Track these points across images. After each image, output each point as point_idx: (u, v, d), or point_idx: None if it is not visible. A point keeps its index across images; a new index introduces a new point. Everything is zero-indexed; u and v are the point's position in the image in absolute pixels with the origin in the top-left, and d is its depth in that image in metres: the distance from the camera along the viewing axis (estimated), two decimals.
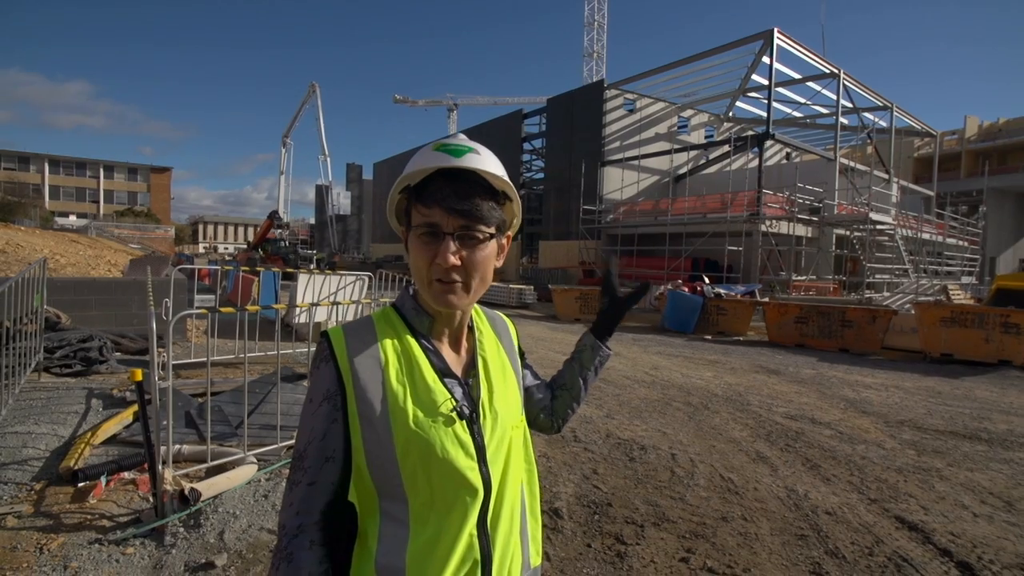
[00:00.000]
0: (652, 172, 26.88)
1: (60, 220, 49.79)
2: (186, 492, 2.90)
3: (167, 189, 68.70)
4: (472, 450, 0.82)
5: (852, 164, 23.40)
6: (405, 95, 57.88)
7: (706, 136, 30.30)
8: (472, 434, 0.83)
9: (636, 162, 25.65)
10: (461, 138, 0.85)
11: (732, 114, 29.91)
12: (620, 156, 26.01)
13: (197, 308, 4.39)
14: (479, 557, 0.81)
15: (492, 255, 0.84)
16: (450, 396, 0.83)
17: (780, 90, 24.03)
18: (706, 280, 15.77)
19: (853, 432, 5.08)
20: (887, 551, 2.90)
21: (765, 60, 21.35)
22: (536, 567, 0.95)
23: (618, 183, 25.71)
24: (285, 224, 36.48)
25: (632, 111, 27.09)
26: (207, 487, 3.04)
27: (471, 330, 0.94)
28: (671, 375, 7.56)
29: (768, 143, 21.89)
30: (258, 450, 3.66)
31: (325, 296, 7.83)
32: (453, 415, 0.82)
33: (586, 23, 41.56)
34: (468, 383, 0.88)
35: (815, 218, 19.64)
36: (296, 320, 8.02)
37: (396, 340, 0.85)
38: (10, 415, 4.14)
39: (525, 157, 35.02)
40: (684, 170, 26.22)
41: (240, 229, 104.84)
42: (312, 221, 63.51)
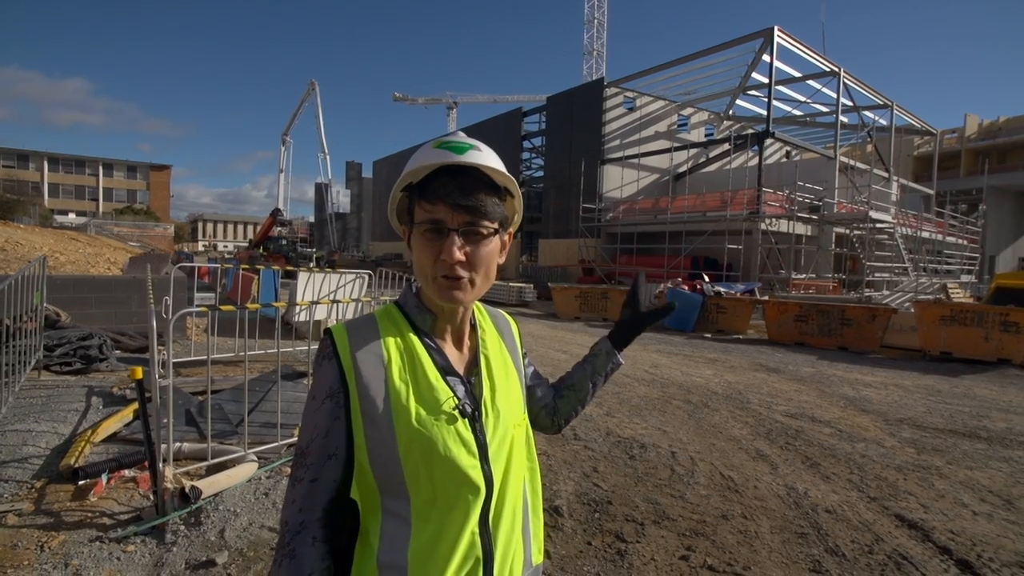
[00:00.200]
0: (652, 170, 26.87)
1: (59, 218, 49.78)
2: (187, 490, 2.90)
3: (166, 187, 68.61)
4: (474, 448, 0.82)
5: (852, 162, 23.40)
6: (405, 93, 57.97)
7: (706, 134, 30.27)
8: (474, 432, 0.83)
9: (636, 160, 25.64)
10: (461, 136, 0.85)
11: (732, 112, 29.90)
12: (620, 154, 26.00)
13: (197, 306, 4.39)
14: (481, 555, 0.81)
15: (496, 251, 0.85)
16: (452, 394, 0.83)
17: (780, 88, 24.02)
18: (706, 278, 15.77)
19: (853, 430, 5.09)
20: (887, 549, 2.90)
21: (765, 58, 21.34)
22: (538, 565, 0.95)
23: (618, 181, 25.69)
24: (288, 221, 36.42)
25: (632, 109, 27.06)
26: (208, 485, 3.04)
27: (473, 328, 0.94)
28: (671, 373, 7.56)
29: (768, 141, 21.90)
30: (258, 448, 3.66)
31: (325, 294, 7.83)
32: (455, 413, 0.82)
33: (586, 21, 41.51)
34: (470, 381, 0.88)
35: (815, 216, 19.65)
36: (296, 318, 8.03)
37: (399, 338, 0.85)
38: (10, 413, 4.14)
39: (525, 155, 35.03)
40: (684, 168, 26.21)
41: (240, 227, 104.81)
42: (312, 219, 63.47)
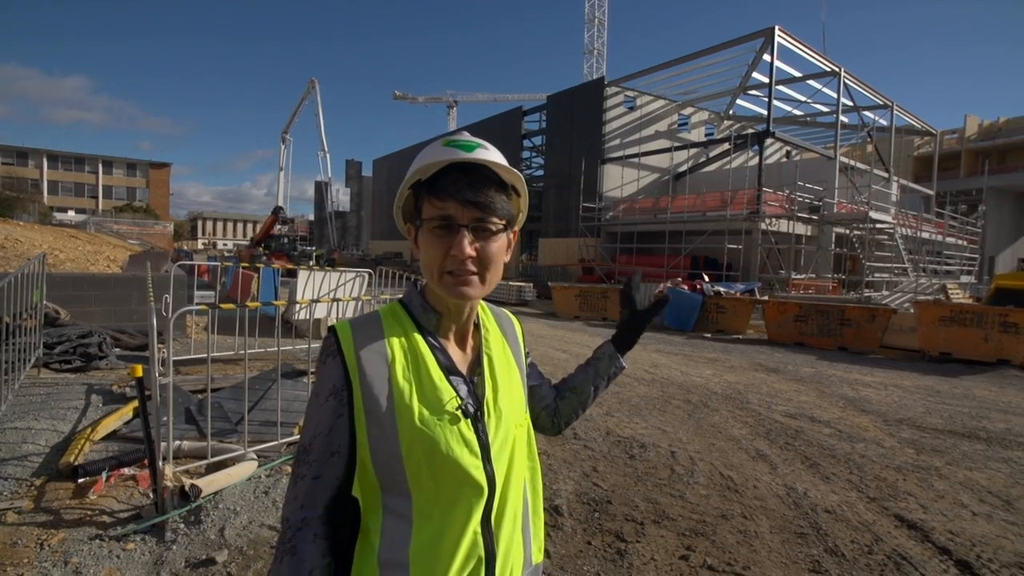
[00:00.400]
0: (652, 170, 26.85)
1: (58, 215, 49.69)
2: (186, 488, 2.90)
3: (166, 185, 68.49)
4: (477, 448, 0.82)
5: (852, 163, 23.42)
6: (405, 91, 57.87)
7: (706, 134, 30.25)
8: (477, 432, 0.83)
9: (636, 160, 25.61)
10: (466, 135, 0.85)
11: (732, 112, 29.88)
12: (620, 153, 25.98)
13: (197, 304, 4.39)
14: (483, 554, 0.81)
15: (504, 248, 0.85)
16: (455, 394, 0.83)
17: (781, 88, 24.01)
18: (705, 278, 15.77)
19: (852, 430, 5.09)
20: (886, 549, 2.91)
21: (766, 58, 21.32)
22: (538, 564, 0.95)
23: (618, 180, 25.67)
24: (290, 219, 36.35)
25: (632, 108, 27.04)
26: (207, 483, 3.04)
27: (477, 327, 0.94)
28: (670, 373, 7.57)
29: (768, 141, 21.88)
30: (258, 446, 3.66)
31: (325, 293, 7.83)
32: (458, 413, 0.82)
33: (586, 20, 41.46)
34: (473, 381, 0.88)
35: (815, 216, 19.65)
36: (296, 317, 8.03)
37: (403, 337, 0.85)
38: (10, 411, 4.13)
39: (525, 154, 35.01)
40: (684, 168, 26.20)
41: (239, 225, 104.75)
42: (311, 217, 63.38)
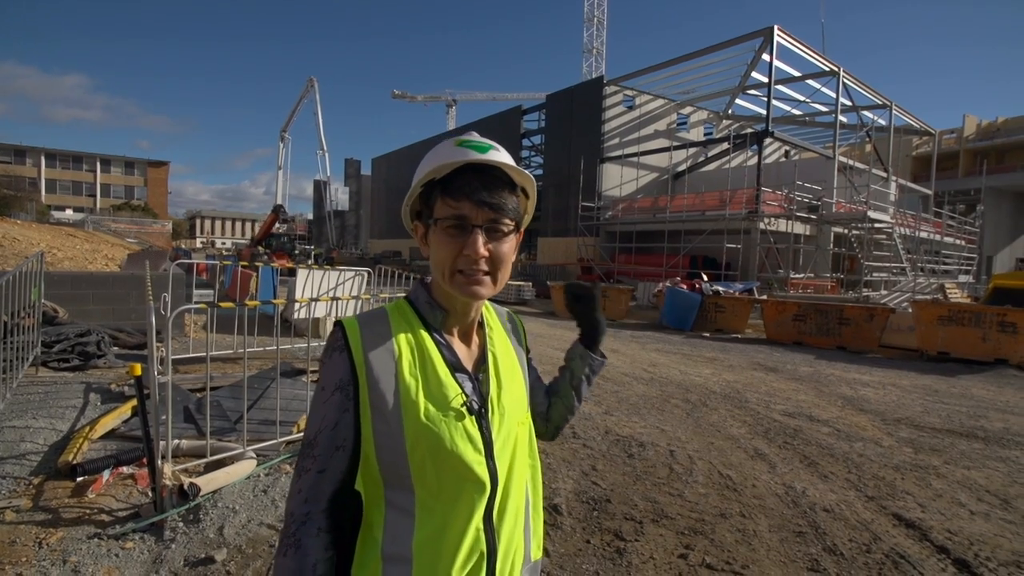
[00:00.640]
0: (651, 169, 26.85)
1: (56, 214, 49.59)
2: (185, 487, 2.89)
3: (164, 183, 68.31)
4: (480, 445, 0.83)
5: (851, 162, 23.42)
6: (404, 90, 57.76)
7: (705, 133, 30.27)
8: (481, 429, 0.84)
9: (635, 159, 25.60)
10: (476, 135, 0.86)
11: (731, 111, 29.88)
12: (619, 153, 25.98)
13: (196, 303, 4.38)
14: (485, 550, 0.82)
15: (514, 248, 0.86)
16: (461, 391, 0.84)
17: (780, 88, 24.01)
18: (704, 277, 15.78)
19: (851, 429, 5.10)
20: (884, 548, 2.91)
21: (765, 57, 21.32)
22: (537, 561, 0.96)
23: (617, 180, 25.67)
24: (291, 218, 36.25)
25: (631, 108, 27.02)
26: (206, 482, 3.03)
27: (481, 326, 0.95)
28: (669, 372, 7.57)
29: (767, 141, 21.93)
30: (257, 445, 3.65)
31: (324, 292, 7.82)
32: (463, 410, 0.83)
33: (586, 19, 41.42)
34: (478, 378, 0.89)
35: (813, 216, 19.67)
36: (295, 315, 8.01)
37: (410, 333, 0.86)
38: (8, 409, 4.12)
39: (524, 153, 35.00)
40: (683, 167, 26.21)
41: (238, 224, 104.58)
42: (310, 216, 63.28)
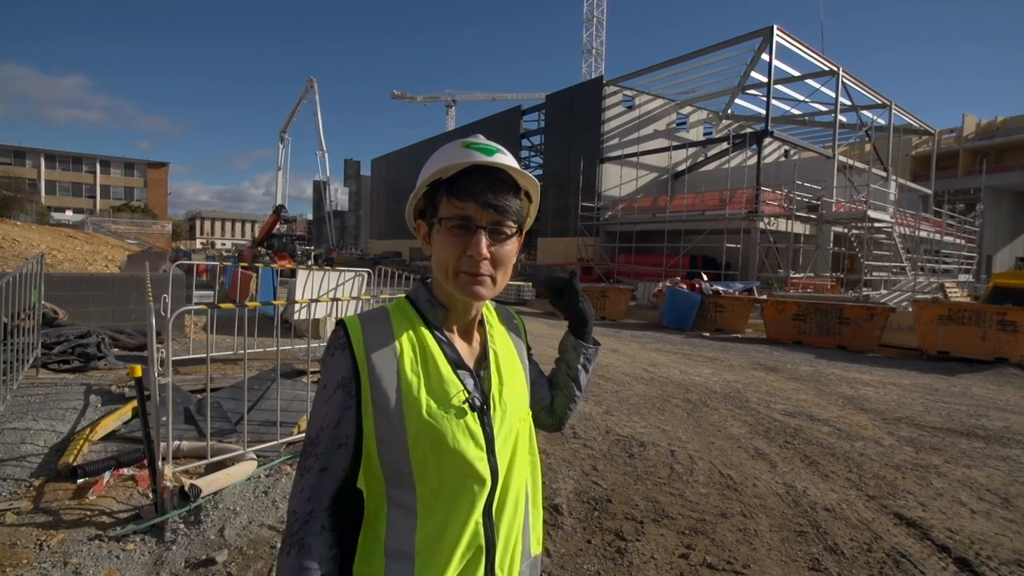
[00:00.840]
0: (651, 169, 26.86)
1: (56, 215, 49.57)
2: (186, 488, 2.89)
3: (164, 184, 68.32)
4: (482, 441, 0.83)
5: (850, 162, 23.44)
6: (403, 91, 57.82)
7: (705, 133, 30.28)
8: (482, 425, 0.84)
9: (635, 159, 25.62)
10: (482, 138, 0.86)
11: (731, 111, 29.90)
12: (619, 153, 25.99)
13: (196, 304, 4.38)
14: (483, 544, 0.83)
15: (515, 250, 0.87)
16: (463, 387, 0.85)
17: (779, 87, 24.03)
18: (704, 277, 15.78)
19: (851, 429, 5.10)
20: (885, 547, 2.91)
21: (764, 57, 21.34)
22: (536, 556, 0.97)
23: (617, 180, 25.68)
24: (292, 219, 36.11)
25: (631, 108, 27.04)
26: (207, 483, 3.03)
27: (481, 323, 0.96)
28: (669, 372, 7.57)
29: (767, 140, 21.93)
30: (258, 446, 3.65)
31: (324, 292, 7.82)
32: (465, 406, 0.83)
33: (585, 19, 41.38)
34: (480, 375, 0.90)
35: (813, 215, 19.68)
36: (295, 316, 8.01)
37: (411, 331, 0.87)
38: (8, 411, 4.12)
39: (524, 153, 35.00)
40: (683, 167, 26.22)
41: (238, 225, 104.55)
42: (310, 217, 63.25)
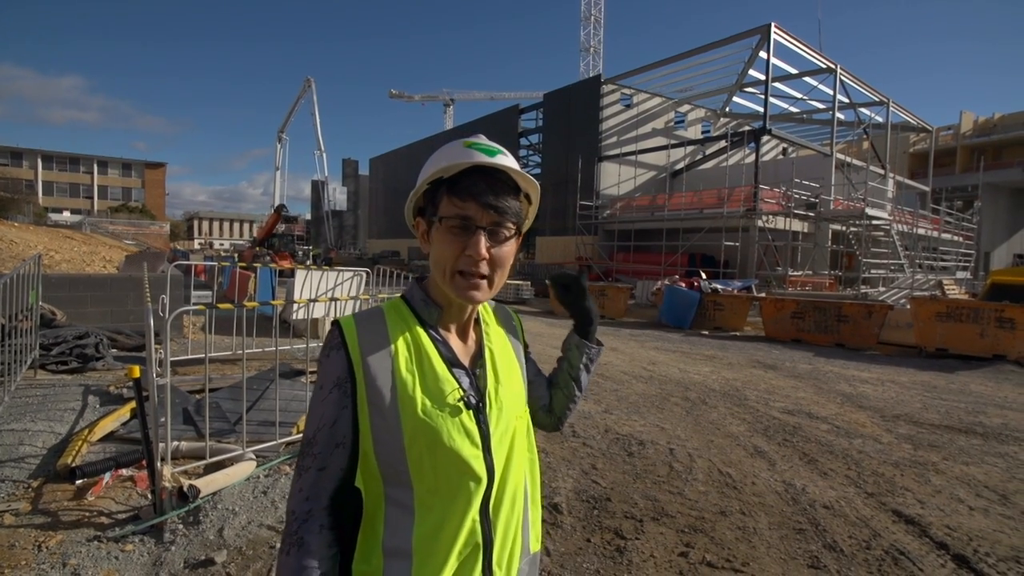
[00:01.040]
0: (649, 167, 26.87)
1: (54, 216, 49.37)
2: (185, 489, 2.89)
3: (162, 185, 68.15)
4: (478, 439, 0.84)
5: (848, 159, 23.47)
6: (401, 90, 57.70)
7: (703, 131, 30.27)
8: (478, 423, 0.85)
9: (633, 157, 25.62)
10: (483, 138, 0.87)
11: (729, 109, 29.92)
12: (617, 151, 25.98)
13: (194, 304, 4.37)
14: (481, 541, 0.83)
15: (513, 251, 0.87)
16: (458, 386, 0.85)
17: (777, 85, 24.05)
18: (703, 275, 15.80)
19: (850, 426, 5.11)
20: (884, 544, 2.92)
21: (762, 55, 21.34)
22: (535, 552, 0.98)
23: (615, 178, 25.68)
24: (293, 218, 35.84)
25: (629, 106, 27.03)
26: (206, 484, 3.03)
27: (477, 322, 0.96)
28: (668, 370, 7.58)
29: (765, 138, 21.93)
30: (257, 446, 3.65)
31: (322, 292, 7.81)
32: (460, 404, 0.84)
33: (583, 18, 41.39)
34: (475, 373, 0.90)
35: (811, 213, 19.70)
36: (294, 316, 8.00)
37: (406, 330, 0.87)
38: (6, 412, 4.11)
39: (522, 152, 34.95)
40: (681, 165, 26.22)
41: (236, 225, 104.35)
42: (308, 217, 63.15)
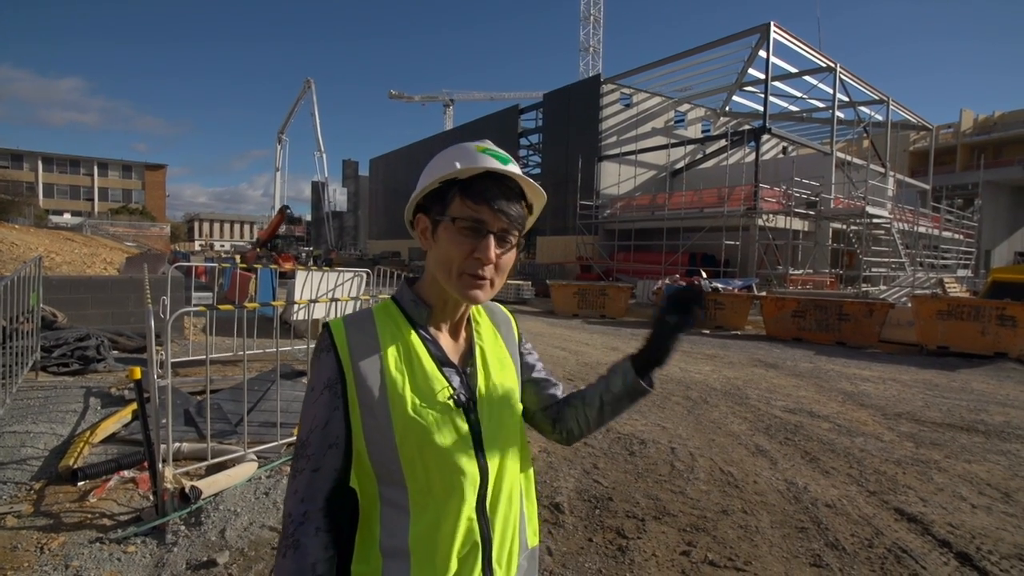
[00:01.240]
0: (649, 167, 26.85)
1: (54, 218, 49.41)
2: (186, 490, 2.89)
3: (162, 186, 68.18)
4: (468, 437, 0.84)
5: (848, 158, 23.45)
6: (401, 91, 57.64)
7: (703, 130, 30.25)
8: (469, 421, 0.85)
9: (633, 157, 25.59)
10: (489, 143, 0.87)
11: (728, 108, 29.91)
12: (617, 151, 25.96)
13: (195, 306, 4.37)
14: (479, 540, 0.84)
15: (514, 257, 0.88)
16: (448, 384, 0.85)
17: (777, 84, 24.03)
18: (703, 274, 15.81)
19: (851, 425, 5.10)
20: (887, 542, 2.92)
21: (762, 54, 21.33)
22: (534, 547, 0.98)
23: (615, 178, 25.67)
24: (298, 219, 35.49)
25: (629, 106, 27.01)
26: (207, 485, 3.03)
27: (468, 321, 0.96)
28: (669, 369, 7.57)
29: (765, 137, 21.90)
30: (258, 447, 3.65)
31: (323, 293, 7.81)
32: (450, 403, 0.84)
33: (582, 17, 41.33)
34: (466, 372, 0.90)
35: (812, 212, 19.68)
36: (294, 317, 8.00)
37: (395, 330, 0.87)
38: (8, 414, 4.12)
39: (522, 152, 34.94)
40: (681, 165, 26.21)
41: (236, 226, 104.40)
42: (308, 218, 63.16)
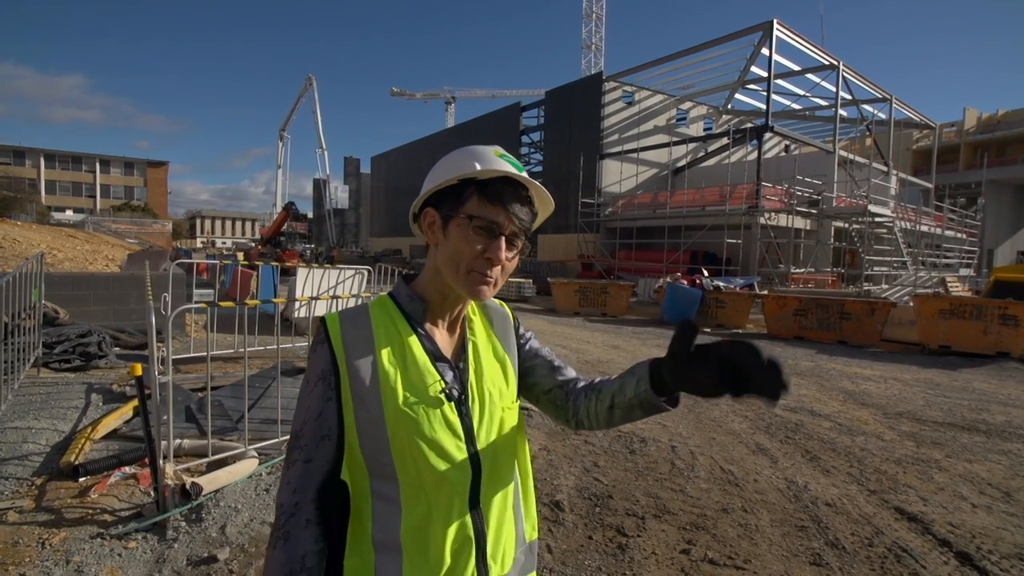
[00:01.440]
0: (651, 165, 26.81)
1: (56, 215, 49.57)
2: (187, 486, 2.90)
3: (164, 183, 68.30)
4: (460, 431, 0.85)
5: (851, 156, 23.40)
6: (403, 88, 57.62)
7: (705, 128, 30.19)
8: (460, 415, 0.86)
9: (635, 155, 25.56)
10: (502, 150, 0.89)
11: (731, 106, 29.83)
12: (619, 149, 25.92)
13: (196, 303, 4.38)
14: (472, 534, 0.84)
15: (518, 260, 0.90)
16: (440, 378, 0.86)
17: (779, 82, 23.95)
18: (705, 273, 15.79)
19: (852, 424, 5.10)
20: (887, 541, 2.91)
21: (764, 52, 21.28)
22: (532, 541, 0.98)
23: (617, 176, 25.64)
24: (303, 216, 35.32)
25: (631, 103, 26.95)
26: (208, 481, 3.04)
27: (464, 318, 0.97)
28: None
29: (767, 135, 21.84)
30: (259, 444, 3.66)
31: (324, 290, 7.82)
32: (442, 396, 0.85)
33: (584, 15, 41.33)
34: (459, 366, 0.91)
35: (814, 211, 19.63)
36: (295, 314, 8.01)
37: (390, 325, 0.88)
38: (9, 410, 4.13)
39: (523, 150, 34.89)
40: (683, 163, 26.15)
41: (238, 223, 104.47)
42: (310, 215, 63.20)
